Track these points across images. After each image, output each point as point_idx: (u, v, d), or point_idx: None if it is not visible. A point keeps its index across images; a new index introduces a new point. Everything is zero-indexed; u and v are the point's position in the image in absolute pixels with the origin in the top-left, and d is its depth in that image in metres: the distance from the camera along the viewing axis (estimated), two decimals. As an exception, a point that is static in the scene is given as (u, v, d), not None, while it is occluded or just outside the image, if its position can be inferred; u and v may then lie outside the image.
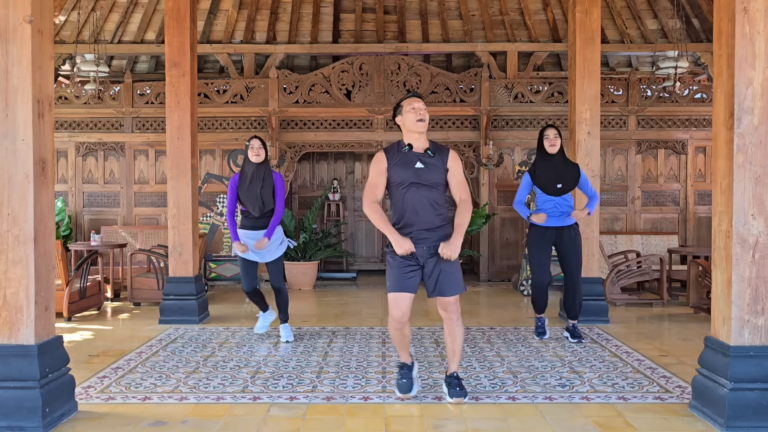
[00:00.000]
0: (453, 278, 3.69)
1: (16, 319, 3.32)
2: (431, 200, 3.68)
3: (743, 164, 3.32)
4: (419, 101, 3.75)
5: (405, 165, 3.68)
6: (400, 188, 3.70)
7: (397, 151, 3.75)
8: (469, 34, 9.51)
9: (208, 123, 8.87)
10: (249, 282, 5.33)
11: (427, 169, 3.68)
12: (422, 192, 3.67)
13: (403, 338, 3.85)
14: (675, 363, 4.66)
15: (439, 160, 3.71)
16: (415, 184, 3.66)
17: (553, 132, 5.23)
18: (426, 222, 3.67)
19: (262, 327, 5.57)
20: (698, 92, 9.02)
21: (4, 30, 3.30)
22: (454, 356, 3.84)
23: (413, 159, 3.69)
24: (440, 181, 3.71)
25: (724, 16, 3.43)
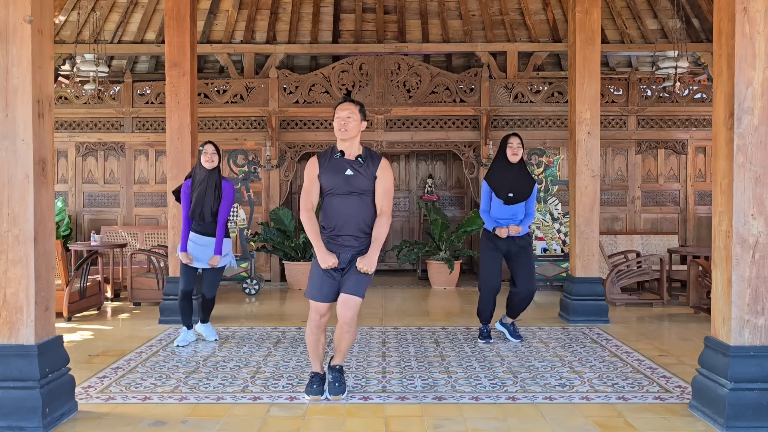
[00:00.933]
0: (359, 280, 3.66)
1: (16, 319, 3.32)
2: (360, 208, 3.67)
3: (743, 164, 3.32)
4: (345, 108, 3.68)
5: (335, 171, 3.68)
6: (329, 195, 3.70)
7: (329, 156, 3.73)
8: (469, 34, 9.51)
9: (208, 123, 8.87)
10: (186, 283, 5.17)
11: (356, 176, 3.67)
12: (351, 199, 3.66)
13: (318, 345, 3.81)
14: (675, 363, 4.66)
15: (369, 169, 3.69)
16: (344, 191, 3.66)
17: (517, 141, 5.20)
18: (354, 229, 3.67)
19: (184, 340, 5.23)
20: (698, 92, 9.02)
21: (4, 30, 3.30)
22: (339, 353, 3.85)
23: (344, 166, 3.68)
24: (369, 189, 3.69)
25: (724, 16, 3.43)
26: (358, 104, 3.75)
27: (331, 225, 3.71)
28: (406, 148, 9.19)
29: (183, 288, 5.20)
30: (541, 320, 6.29)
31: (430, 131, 8.91)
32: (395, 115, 8.87)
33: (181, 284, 5.21)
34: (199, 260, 5.17)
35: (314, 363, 3.90)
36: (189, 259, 5.11)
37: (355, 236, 3.68)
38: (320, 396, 3.81)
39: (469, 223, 8.23)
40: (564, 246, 8.46)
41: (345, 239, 3.68)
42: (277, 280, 8.90)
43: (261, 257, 8.85)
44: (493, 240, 5.22)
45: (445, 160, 10.38)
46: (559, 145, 8.80)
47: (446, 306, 7.20)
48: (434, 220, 8.40)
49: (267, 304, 7.29)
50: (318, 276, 3.72)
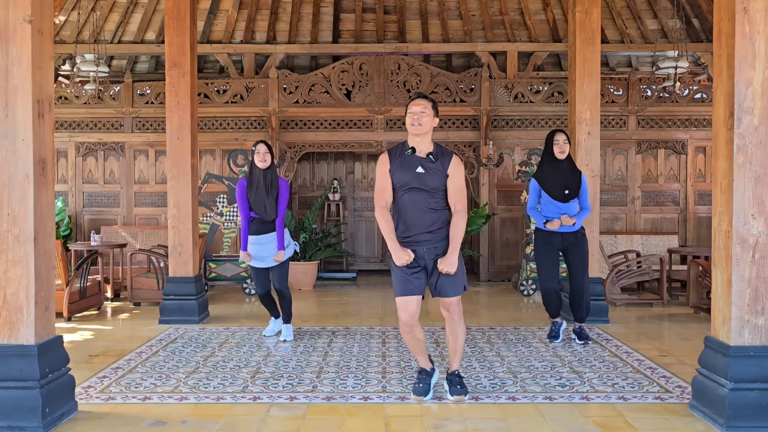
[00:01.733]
0: (454, 279, 3.69)
1: (16, 319, 3.32)
2: (430, 205, 3.66)
3: (743, 164, 3.32)
4: (419, 104, 3.68)
5: (406, 168, 3.66)
6: (400, 190, 3.68)
7: (400, 153, 3.71)
8: (469, 34, 9.51)
9: (208, 123, 8.87)
10: (261, 286, 5.36)
11: (427, 173, 3.64)
12: (421, 196, 3.65)
13: (417, 342, 3.84)
14: (675, 363, 4.66)
15: (441, 165, 3.66)
16: (414, 188, 3.64)
17: (563, 137, 5.17)
18: (425, 225, 3.66)
19: (270, 330, 5.56)
20: (698, 92, 9.02)
21: (4, 30, 3.30)
22: (456, 355, 3.86)
23: (414, 163, 3.65)
24: (440, 187, 3.68)
25: (724, 16, 3.43)
26: (431, 100, 3.71)
27: (402, 221, 3.69)
28: (406, 148, 9.18)
29: (260, 292, 5.38)
30: (541, 320, 6.28)
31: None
32: (395, 115, 8.87)
33: (257, 288, 5.37)
34: (263, 260, 5.26)
35: (419, 358, 3.92)
36: (248, 258, 5.22)
37: (428, 231, 3.66)
38: (425, 397, 3.80)
39: (469, 223, 8.21)
40: (564, 246, 8.45)
41: (418, 235, 3.66)
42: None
43: (261, 257, 8.84)
44: (547, 239, 5.21)
45: (445, 160, 10.35)
46: (559, 145, 8.79)
47: (446, 306, 7.19)
48: (434, 220, 8.38)
49: (267, 304, 7.28)
50: (399, 273, 3.69)
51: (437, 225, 3.68)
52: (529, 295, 7.80)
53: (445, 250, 3.67)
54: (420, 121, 3.64)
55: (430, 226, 3.67)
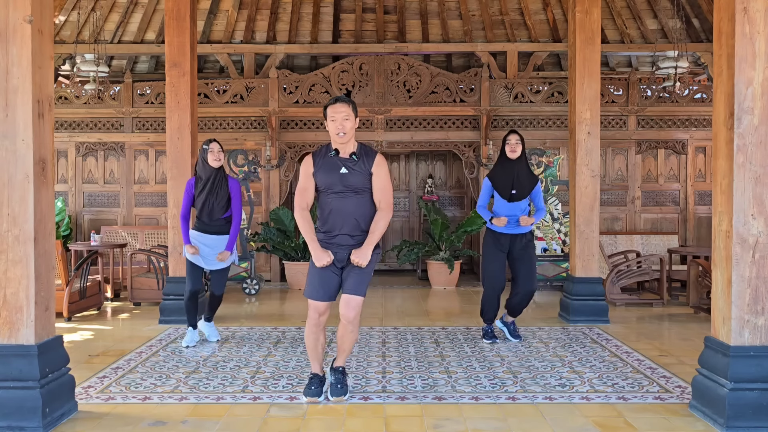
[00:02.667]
0: (360, 277, 3.66)
1: (16, 319, 3.32)
2: (356, 206, 3.64)
3: (743, 164, 3.32)
4: (341, 111, 3.61)
5: (329, 170, 3.64)
6: (325, 193, 3.67)
7: (324, 155, 3.70)
8: (469, 34, 9.51)
9: (208, 123, 8.87)
10: (192, 283, 5.11)
11: (351, 174, 3.63)
12: (347, 197, 3.63)
13: (317, 346, 3.79)
14: (675, 363, 4.66)
15: (364, 165, 3.65)
16: (339, 189, 3.63)
17: (515, 138, 5.22)
18: (350, 227, 3.65)
19: (191, 340, 5.20)
20: (698, 92, 9.02)
21: (4, 30, 3.30)
22: (342, 353, 3.86)
23: (338, 164, 3.64)
24: (365, 187, 3.65)
25: (724, 16, 3.43)
26: (351, 102, 3.69)
27: (327, 224, 3.69)
28: (406, 148, 9.19)
29: (190, 288, 5.14)
30: (541, 320, 6.29)
31: (430, 131, 8.91)
32: (395, 115, 8.87)
33: (188, 284, 5.15)
34: (206, 260, 5.13)
35: (313, 364, 3.88)
36: (195, 250, 5.04)
37: (351, 235, 3.66)
38: (318, 398, 3.79)
39: (469, 223, 8.23)
40: (564, 246, 8.46)
41: (341, 238, 3.67)
42: (277, 280, 8.90)
43: (261, 257, 8.85)
44: (496, 238, 5.23)
45: (445, 160, 10.38)
46: (559, 145, 8.80)
47: (446, 306, 7.20)
48: (434, 220, 8.40)
49: (267, 304, 7.29)
50: (316, 275, 3.69)
51: (362, 228, 3.66)
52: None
53: None
54: (344, 130, 3.62)
55: (354, 229, 3.65)
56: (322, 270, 3.67)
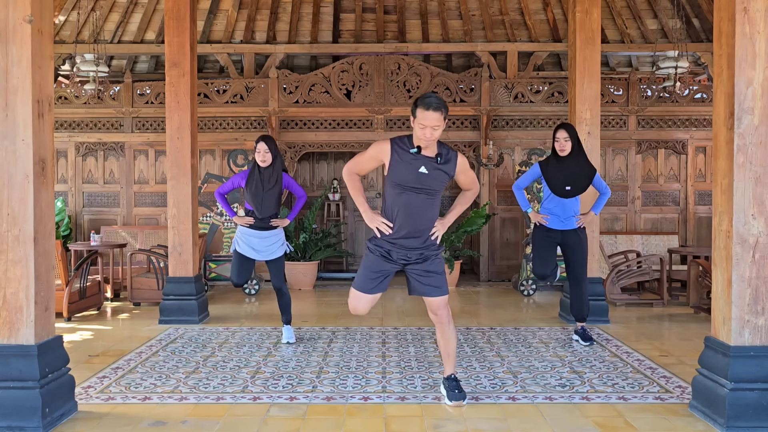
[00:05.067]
0: (438, 280, 3.61)
1: (16, 319, 3.32)
2: (426, 207, 3.53)
3: (743, 164, 3.32)
4: (433, 119, 3.36)
5: (408, 167, 3.47)
6: (397, 189, 3.51)
7: (405, 148, 3.48)
8: (469, 34, 9.51)
9: (208, 123, 8.87)
10: (241, 276, 5.16)
11: (430, 175, 3.48)
12: (420, 198, 3.50)
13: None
14: (675, 363, 4.66)
15: (447, 167, 3.52)
16: (414, 188, 3.48)
17: (564, 135, 5.04)
18: (416, 228, 3.53)
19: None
20: (698, 92, 9.02)
21: (4, 30, 3.29)
22: (449, 359, 3.79)
23: (418, 162, 3.47)
24: (440, 189, 3.57)
25: (724, 16, 3.42)
26: (444, 109, 3.40)
27: (392, 219, 3.54)
28: (406, 148, 9.18)
29: (236, 282, 5.16)
30: (541, 320, 6.28)
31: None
32: (395, 114, 8.87)
33: (234, 277, 5.16)
34: (260, 252, 5.15)
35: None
36: (247, 220, 5.10)
37: (415, 236, 3.54)
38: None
39: (469, 223, 8.22)
40: (564, 246, 8.45)
41: (408, 242, 3.54)
42: (277, 280, 8.89)
43: (261, 257, 8.84)
44: (546, 233, 5.19)
45: (445, 160, 10.35)
46: (559, 145, 8.78)
47: (446, 306, 7.19)
48: (434, 220, 8.38)
49: (267, 304, 7.29)
50: (371, 269, 3.61)
51: (426, 230, 3.57)
52: (529, 295, 7.80)
53: (424, 257, 3.59)
54: (432, 139, 3.42)
55: (419, 230, 3.54)
56: (380, 265, 3.59)
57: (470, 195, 3.75)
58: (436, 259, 3.64)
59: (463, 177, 3.66)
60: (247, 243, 5.17)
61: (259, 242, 5.17)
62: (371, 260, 3.63)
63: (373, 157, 3.58)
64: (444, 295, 3.64)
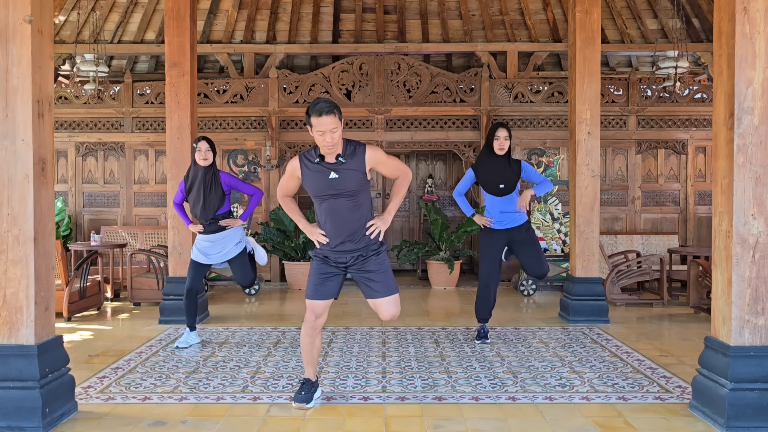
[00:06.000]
0: (385, 277, 3.56)
1: (16, 319, 3.32)
2: (351, 209, 3.47)
3: (743, 164, 3.32)
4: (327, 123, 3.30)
5: (318, 176, 3.45)
6: (317, 199, 3.51)
7: (311, 159, 3.47)
8: (469, 34, 9.51)
9: (208, 123, 8.87)
10: (191, 281, 5.10)
11: (341, 178, 3.41)
12: (341, 202, 3.45)
13: (313, 349, 3.69)
14: (675, 363, 4.66)
15: (355, 164, 3.42)
16: (331, 195, 3.44)
17: (504, 134, 5.09)
18: (347, 232, 3.49)
19: (184, 342, 5.14)
20: (698, 92, 9.02)
21: (4, 30, 3.29)
22: None
23: (327, 170, 3.43)
24: (359, 188, 3.46)
25: (724, 16, 3.42)
26: (336, 110, 3.34)
27: (324, 230, 3.54)
28: (406, 148, 9.19)
29: (189, 286, 5.12)
30: (541, 320, 6.28)
31: (430, 131, 8.91)
32: (395, 115, 8.87)
33: (188, 281, 5.13)
34: (212, 256, 5.12)
35: (307, 368, 3.77)
36: (199, 228, 5.08)
37: (353, 240, 3.52)
38: (306, 404, 3.68)
39: (470, 223, 8.22)
40: (564, 246, 8.46)
41: (341, 245, 3.53)
42: (277, 280, 8.90)
43: (261, 257, 8.84)
44: (490, 236, 5.19)
45: (445, 160, 10.38)
46: (559, 145, 8.80)
47: (446, 306, 7.20)
48: (434, 220, 8.40)
49: (267, 305, 7.29)
50: (315, 273, 3.61)
51: (361, 232, 3.52)
52: (529, 295, 7.80)
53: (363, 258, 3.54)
54: (333, 142, 3.34)
55: (353, 234, 3.49)
56: (322, 267, 3.59)
57: (400, 183, 3.60)
58: (377, 258, 3.56)
59: (383, 167, 3.55)
60: (199, 249, 5.14)
61: (211, 246, 5.12)
62: (314, 267, 3.64)
63: (290, 175, 3.58)
64: (390, 295, 3.55)
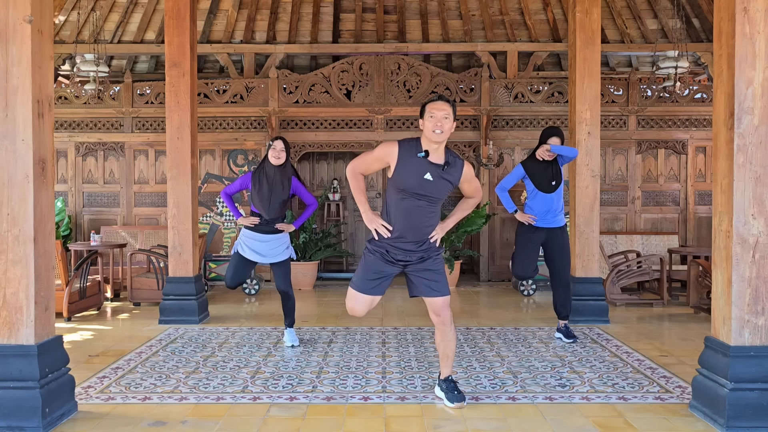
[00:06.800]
0: (439, 279, 3.59)
1: (16, 319, 3.32)
2: (427, 214, 3.50)
3: (743, 164, 3.32)
4: (442, 108, 3.42)
5: (413, 171, 3.42)
6: (399, 194, 3.47)
7: (412, 152, 3.44)
8: (469, 34, 9.51)
9: (208, 123, 8.87)
10: (236, 278, 5.04)
11: (434, 182, 3.43)
12: (422, 204, 3.47)
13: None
14: (675, 363, 4.66)
15: (451, 176, 3.49)
16: (417, 194, 3.44)
17: (556, 142, 5.20)
18: (416, 234, 3.51)
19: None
20: (698, 92, 9.02)
21: (4, 30, 3.29)
22: (448, 361, 3.76)
23: (424, 168, 3.42)
24: (443, 197, 3.54)
25: (725, 15, 3.42)
26: (453, 103, 3.49)
27: (392, 224, 3.51)
28: (406, 148, 9.18)
29: (230, 283, 5.04)
30: (541, 320, 6.28)
31: (430, 131, 8.89)
32: (395, 114, 8.87)
33: (229, 279, 5.04)
34: (263, 255, 5.04)
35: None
36: (252, 220, 5.01)
37: (415, 241, 3.52)
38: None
39: (469, 223, 8.22)
40: (564, 246, 8.45)
41: (405, 243, 3.52)
42: (277, 280, 8.89)
43: (261, 257, 8.84)
44: (531, 231, 5.26)
45: (445, 160, 10.36)
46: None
47: (446, 306, 7.19)
48: (434, 220, 8.39)
49: (267, 304, 7.29)
50: (368, 268, 3.58)
51: (426, 236, 3.54)
52: (529, 295, 7.80)
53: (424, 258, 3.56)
54: (442, 128, 3.39)
55: (420, 236, 3.52)
56: (375, 268, 3.56)
57: (472, 203, 3.74)
58: (437, 259, 3.63)
59: (467, 186, 3.63)
60: (251, 247, 5.03)
61: (263, 246, 5.05)
62: (370, 261, 3.61)
63: (379, 158, 3.50)
64: (446, 296, 3.63)
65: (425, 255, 3.58)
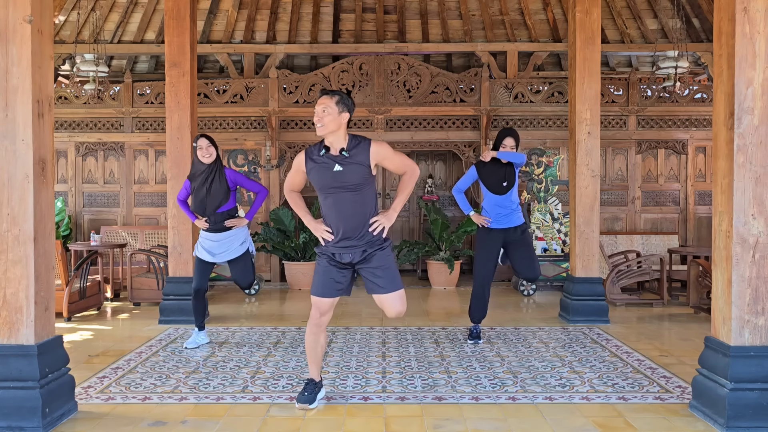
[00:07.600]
0: (390, 273, 3.54)
1: (15, 319, 3.32)
2: (355, 203, 3.46)
3: (743, 164, 3.32)
4: (321, 102, 3.48)
5: (323, 169, 3.46)
6: (322, 193, 3.51)
7: (315, 153, 3.52)
8: (469, 34, 9.51)
9: (208, 123, 8.87)
10: (198, 281, 5.06)
11: (345, 171, 3.42)
12: (345, 196, 3.45)
13: (317, 347, 3.69)
14: (675, 363, 4.66)
15: (360, 158, 3.44)
16: (335, 188, 3.45)
17: (512, 143, 5.17)
18: (351, 227, 3.48)
19: (193, 342, 5.13)
20: (698, 92, 9.02)
21: (4, 30, 3.29)
22: None
23: (331, 163, 3.44)
24: (363, 182, 3.45)
25: (725, 15, 3.42)
26: (336, 95, 3.51)
27: (328, 225, 3.55)
28: (406, 148, 9.18)
29: (196, 286, 5.09)
30: (541, 320, 6.28)
31: (430, 131, 8.91)
32: (395, 115, 8.87)
33: (195, 281, 5.10)
34: (216, 255, 5.07)
35: (311, 368, 3.76)
36: (204, 225, 5.02)
37: (356, 236, 3.51)
38: (309, 405, 3.66)
39: (470, 223, 8.22)
40: (564, 246, 8.46)
41: (344, 240, 3.52)
42: (277, 280, 8.90)
43: (261, 257, 8.85)
44: (488, 235, 5.22)
45: (445, 160, 10.38)
46: (559, 145, 8.80)
47: (446, 306, 7.20)
48: (434, 220, 8.40)
49: (267, 305, 7.29)
50: (322, 271, 3.61)
51: (363, 226, 3.50)
52: (529, 295, 7.80)
53: (369, 254, 3.52)
54: (322, 121, 3.44)
55: (356, 229, 3.48)
56: (328, 266, 3.58)
57: (407, 179, 3.55)
58: (382, 253, 3.55)
59: (389, 163, 3.53)
60: (205, 247, 5.08)
61: (216, 245, 5.07)
62: (322, 266, 3.62)
63: (297, 170, 3.60)
64: (394, 291, 3.54)
65: (368, 248, 3.52)
